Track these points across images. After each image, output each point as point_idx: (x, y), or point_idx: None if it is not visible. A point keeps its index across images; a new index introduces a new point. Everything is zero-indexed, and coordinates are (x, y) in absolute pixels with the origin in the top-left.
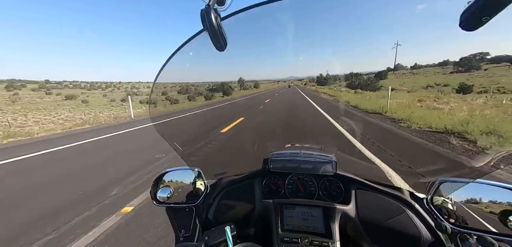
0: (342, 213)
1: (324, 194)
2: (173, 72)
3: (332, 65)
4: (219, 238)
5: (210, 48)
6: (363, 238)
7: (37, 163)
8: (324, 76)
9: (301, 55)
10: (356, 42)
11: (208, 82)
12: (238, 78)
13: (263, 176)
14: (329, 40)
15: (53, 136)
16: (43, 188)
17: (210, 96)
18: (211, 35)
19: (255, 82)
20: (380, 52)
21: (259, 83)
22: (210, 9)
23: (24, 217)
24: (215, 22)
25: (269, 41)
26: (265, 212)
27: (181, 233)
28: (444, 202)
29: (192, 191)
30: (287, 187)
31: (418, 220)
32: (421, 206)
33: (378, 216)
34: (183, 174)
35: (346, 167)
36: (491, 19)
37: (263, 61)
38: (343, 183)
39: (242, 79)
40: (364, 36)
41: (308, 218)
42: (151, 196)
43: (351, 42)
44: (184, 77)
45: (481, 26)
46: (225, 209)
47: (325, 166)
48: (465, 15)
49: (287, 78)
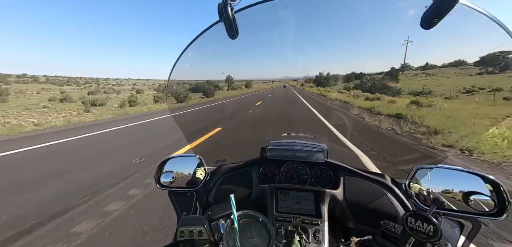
0: (331, 196)
1: (315, 180)
2: (185, 68)
3: (331, 64)
4: (221, 213)
5: (222, 40)
6: (349, 218)
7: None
8: (324, 76)
9: (301, 56)
10: (357, 40)
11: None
12: (226, 77)
13: (260, 163)
14: (329, 37)
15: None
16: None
17: (183, 98)
18: (227, 26)
19: (247, 82)
20: (382, 52)
21: (251, 83)
22: (227, 3)
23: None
24: (231, 14)
25: (268, 41)
26: (261, 196)
27: (182, 215)
28: (420, 187)
29: (193, 176)
30: (282, 174)
31: (397, 202)
32: (400, 189)
33: (363, 199)
34: (185, 161)
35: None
36: (439, 21)
37: (261, 61)
38: (333, 171)
39: (230, 77)
40: (367, 34)
41: (301, 202)
42: (155, 180)
43: (352, 40)
44: (196, 72)
45: (434, 26)
46: (224, 193)
47: (318, 154)
48: (423, 17)
49: (282, 78)
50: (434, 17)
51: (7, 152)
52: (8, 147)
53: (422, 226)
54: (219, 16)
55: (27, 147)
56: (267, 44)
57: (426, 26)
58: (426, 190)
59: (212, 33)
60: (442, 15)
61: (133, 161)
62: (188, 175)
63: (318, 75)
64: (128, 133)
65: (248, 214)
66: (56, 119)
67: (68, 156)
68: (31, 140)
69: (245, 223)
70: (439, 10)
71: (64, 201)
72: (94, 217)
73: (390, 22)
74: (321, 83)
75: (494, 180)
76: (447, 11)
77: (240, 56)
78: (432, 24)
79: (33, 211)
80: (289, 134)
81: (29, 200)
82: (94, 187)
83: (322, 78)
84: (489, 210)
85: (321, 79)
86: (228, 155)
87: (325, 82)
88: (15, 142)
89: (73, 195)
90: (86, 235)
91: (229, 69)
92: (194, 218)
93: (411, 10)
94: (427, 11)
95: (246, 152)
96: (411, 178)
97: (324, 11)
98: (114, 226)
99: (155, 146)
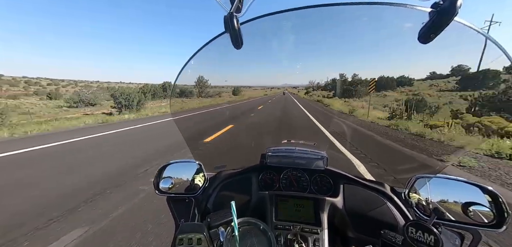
0: (331, 204)
1: (315, 188)
2: (188, 74)
3: (330, 73)
4: (221, 220)
5: (226, 50)
6: (348, 227)
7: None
8: (350, 81)
9: (300, 64)
10: (355, 52)
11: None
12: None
13: (260, 170)
14: (328, 48)
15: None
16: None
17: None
18: (232, 36)
19: (235, 88)
20: (381, 63)
21: (240, 89)
22: (233, 15)
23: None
24: (236, 26)
25: (270, 50)
26: (260, 203)
27: (181, 222)
28: (420, 196)
29: (192, 182)
30: (282, 181)
31: (396, 211)
32: (400, 198)
33: (362, 208)
34: (185, 167)
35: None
36: (436, 36)
37: (262, 69)
38: (332, 178)
39: (202, 78)
40: (366, 47)
41: (300, 210)
42: (154, 185)
43: (351, 51)
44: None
45: (431, 41)
46: (224, 199)
47: (317, 162)
48: (420, 33)
49: (282, 86)
50: (430, 33)
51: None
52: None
53: (423, 236)
54: (225, 27)
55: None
56: (269, 53)
57: (423, 41)
58: (425, 200)
59: (218, 43)
60: (438, 31)
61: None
62: (187, 181)
63: (338, 80)
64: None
65: (249, 222)
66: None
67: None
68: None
69: (245, 230)
70: (435, 26)
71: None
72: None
73: (389, 37)
74: (346, 92)
75: (492, 191)
76: (443, 27)
77: (243, 65)
78: (429, 39)
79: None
80: (289, 141)
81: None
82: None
83: (346, 84)
84: (489, 221)
85: (346, 85)
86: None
87: (351, 92)
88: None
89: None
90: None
91: (232, 76)
92: (193, 225)
93: (408, 24)
94: (424, 27)
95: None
96: (410, 187)
97: (324, 24)
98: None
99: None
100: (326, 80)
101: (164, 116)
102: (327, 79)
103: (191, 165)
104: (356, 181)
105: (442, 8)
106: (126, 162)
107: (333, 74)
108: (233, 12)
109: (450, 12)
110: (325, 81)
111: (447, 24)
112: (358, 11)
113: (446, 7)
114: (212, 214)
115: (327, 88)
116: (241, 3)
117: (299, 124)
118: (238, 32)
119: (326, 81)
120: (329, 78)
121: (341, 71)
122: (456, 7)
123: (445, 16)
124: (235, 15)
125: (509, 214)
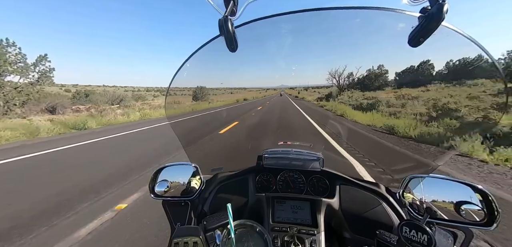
0: (327, 205)
1: (311, 189)
2: (184, 77)
3: (324, 74)
4: (217, 223)
5: (221, 52)
6: (345, 227)
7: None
8: (370, 75)
9: (294, 66)
10: (349, 54)
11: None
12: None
13: (256, 172)
14: (322, 49)
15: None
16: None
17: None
18: (227, 40)
19: (231, 90)
20: (373, 64)
21: (235, 91)
22: (228, 19)
23: None
24: (231, 29)
25: (265, 53)
26: (257, 205)
27: (176, 226)
28: (413, 195)
29: (189, 185)
30: (279, 183)
31: (391, 211)
32: (394, 199)
33: (358, 208)
34: (181, 169)
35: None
36: (425, 40)
37: (258, 71)
38: (328, 180)
39: (198, 81)
40: (359, 49)
41: (297, 211)
42: (149, 189)
43: (345, 52)
44: (196, 81)
45: (420, 44)
46: (220, 201)
47: (313, 163)
48: (410, 36)
49: (278, 87)
50: (419, 36)
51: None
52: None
53: (416, 235)
54: (220, 31)
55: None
56: (265, 56)
57: (413, 44)
58: (419, 199)
59: (213, 46)
60: (427, 35)
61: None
62: (183, 184)
63: (355, 79)
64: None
65: (245, 224)
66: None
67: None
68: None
69: (242, 233)
70: (423, 31)
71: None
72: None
73: (380, 40)
74: (366, 86)
75: (482, 189)
76: (431, 32)
77: (238, 68)
78: (418, 43)
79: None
80: (286, 142)
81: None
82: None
83: (368, 79)
84: (480, 220)
85: (368, 80)
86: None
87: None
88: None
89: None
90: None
91: (228, 79)
92: (189, 229)
93: (399, 29)
94: (413, 31)
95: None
96: (404, 187)
97: (321, 26)
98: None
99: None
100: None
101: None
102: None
103: (187, 168)
104: (352, 182)
105: (430, 13)
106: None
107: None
108: (227, 16)
109: (438, 17)
110: (318, 85)
111: (435, 29)
112: (351, 15)
113: (433, 12)
114: (209, 217)
115: (327, 90)
116: (235, 7)
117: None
118: (233, 35)
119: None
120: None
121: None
122: (443, 12)
123: (433, 21)
124: (230, 18)
125: (499, 213)
